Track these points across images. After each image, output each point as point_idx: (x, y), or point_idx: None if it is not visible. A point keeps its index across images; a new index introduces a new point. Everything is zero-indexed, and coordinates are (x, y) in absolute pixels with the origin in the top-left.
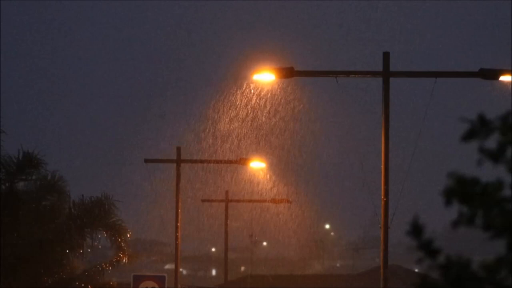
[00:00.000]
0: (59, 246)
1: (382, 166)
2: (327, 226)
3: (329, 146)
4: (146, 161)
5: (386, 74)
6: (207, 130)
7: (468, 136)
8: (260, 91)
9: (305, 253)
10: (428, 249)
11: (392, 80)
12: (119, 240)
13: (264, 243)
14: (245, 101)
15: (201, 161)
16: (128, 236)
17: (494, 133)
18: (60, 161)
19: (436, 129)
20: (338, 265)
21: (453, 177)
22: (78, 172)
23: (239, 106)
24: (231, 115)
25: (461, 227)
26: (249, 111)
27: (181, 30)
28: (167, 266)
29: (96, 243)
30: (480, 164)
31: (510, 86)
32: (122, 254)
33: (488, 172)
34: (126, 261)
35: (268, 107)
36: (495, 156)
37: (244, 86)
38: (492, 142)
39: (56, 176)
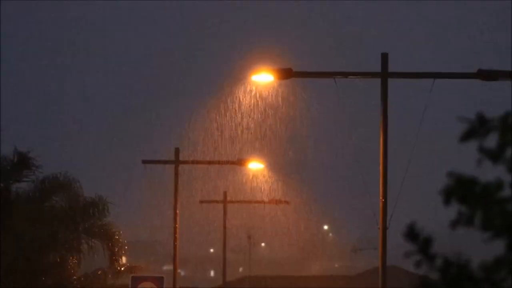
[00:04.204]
0: (54, 247)
1: (381, 167)
2: (326, 227)
3: (327, 147)
4: (144, 162)
5: (384, 75)
6: (205, 131)
7: (467, 135)
8: (259, 92)
9: (303, 254)
10: (425, 254)
11: (390, 81)
12: (116, 250)
13: (263, 244)
14: (244, 101)
15: (199, 162)
16: (123, 251)
17: (493, 132)
18: (60, 162)
19: (436, 129)
20: (336, 266)
21: (452, 176)
22: (77, 172)
23: (237, 106)
24: (230, 115)
25: (460, 227)
26: (248, 112)
27: (181, 30)
28: (165, 267)
29: (95, 254)
30: (479, 164)
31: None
32: (118, 267)
33: (488, 172)
34: (122, 268)
35: (266, 108)
36: (495, 155)
37: (243, 86)
38: (491, 141)
39: (70, 176)
